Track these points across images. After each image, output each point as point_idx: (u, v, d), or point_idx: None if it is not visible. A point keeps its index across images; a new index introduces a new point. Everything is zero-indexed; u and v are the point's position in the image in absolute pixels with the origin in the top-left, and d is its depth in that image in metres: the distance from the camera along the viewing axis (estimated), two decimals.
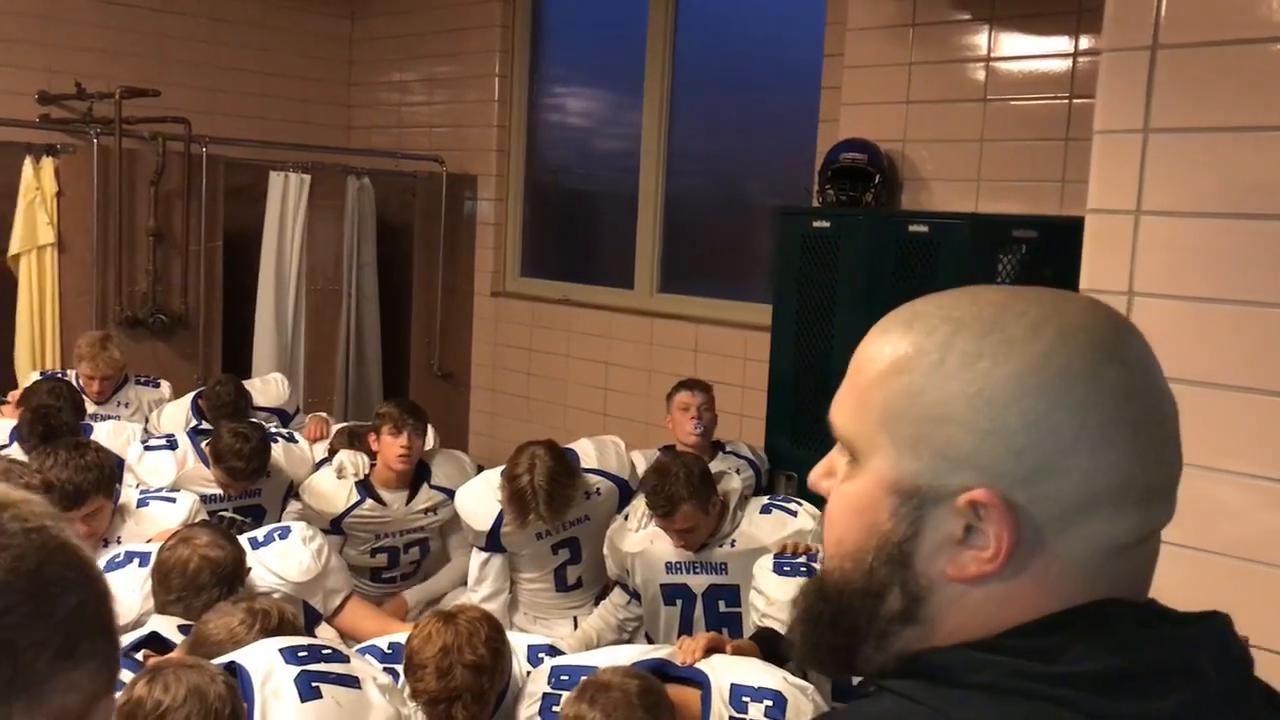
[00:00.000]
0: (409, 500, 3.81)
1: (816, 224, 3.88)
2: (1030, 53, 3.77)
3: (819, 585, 0.76)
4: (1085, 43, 3.64)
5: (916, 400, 0.70)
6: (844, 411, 0.75)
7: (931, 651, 0.70)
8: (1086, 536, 0.69)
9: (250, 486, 3.67)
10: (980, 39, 3.86)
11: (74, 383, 4.27)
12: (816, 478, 0.80)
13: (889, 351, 0.73)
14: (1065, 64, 3.70)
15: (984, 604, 0.70)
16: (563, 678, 2.23)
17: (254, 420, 3.97)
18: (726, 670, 2.24)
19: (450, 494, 3.78)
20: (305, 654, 1.95)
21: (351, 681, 1.96)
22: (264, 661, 1.94)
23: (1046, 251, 3.41)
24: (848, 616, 0.73)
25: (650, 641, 3.32)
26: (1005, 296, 0.73)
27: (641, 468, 3.66)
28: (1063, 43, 3.71)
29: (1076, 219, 2.12)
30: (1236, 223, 1.90)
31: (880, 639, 0.73)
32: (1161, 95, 1.95)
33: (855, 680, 0.78)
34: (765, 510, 3.28)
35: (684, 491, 3.11)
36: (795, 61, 4.75)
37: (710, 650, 2.36)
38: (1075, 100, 3.63)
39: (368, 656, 2.43)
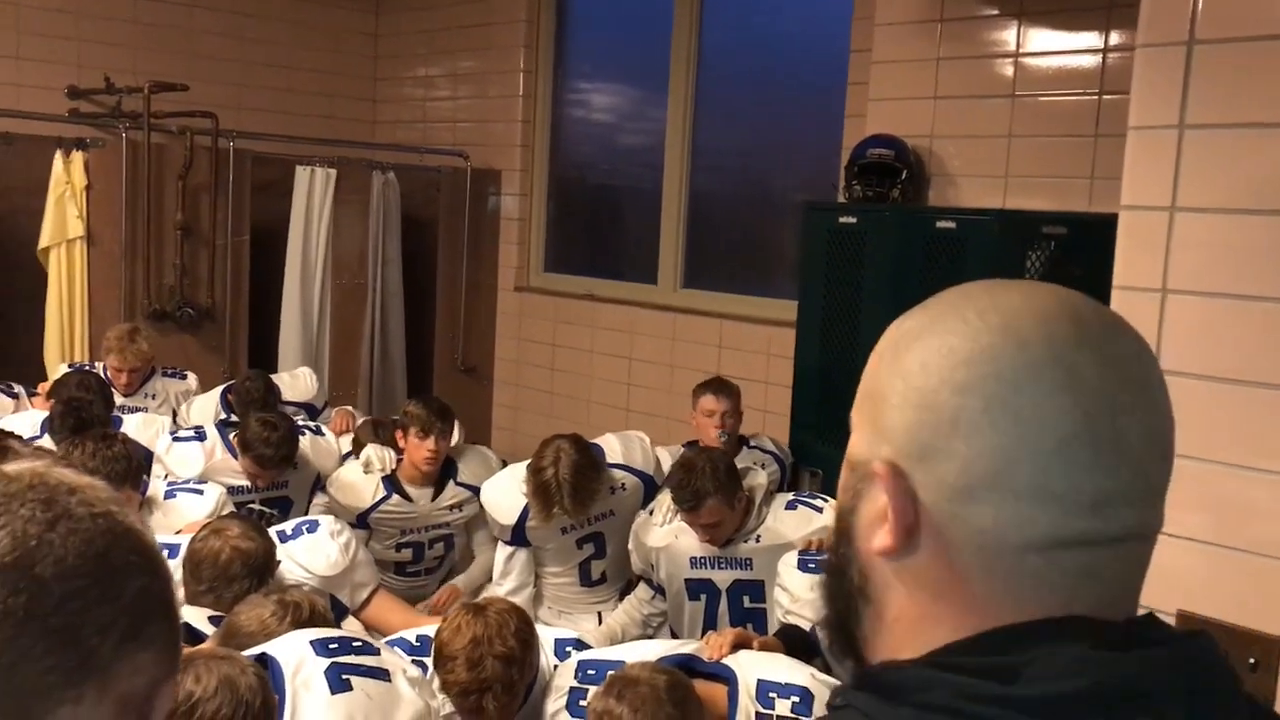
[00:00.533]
0: (434, 497, 3.82)
1: (843, 220, 3.87)
2: (1059, 48, 3.75)
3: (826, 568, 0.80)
4: (1115, 38, 3.61)
5: (874, 378, 0.73)
6: None
7: (887, 667, 0.69)
8: (976, 527, 0.66)
9: (278, 476, 3.69)
10: (1009, 34, 3.84)
11: (102, 375, 4.30)
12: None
13: (882, 339, 0.76)
14: (1095, 60, 3.67)
15: (913, 592, 0.70)
16: (589, 672, 2.24)
17: (281, 411, 3.99)
18: (753, 666, 2.25)
19: (475, 490, 3.79)
20: (335, 646, 1.97)
21: (381, 674, 1.97)
22: (295, 653, 1.95)
23: (1076, 248, 3.38)
24: (834, 598, 0.75)
25: (674, 636, 3.32)
26: (988, 287, 0.73)
27: (667, 464, 3.67)
28: (1092, 38, 3.68)
29: (1106, 215, 2.10)
30: (1272, 219, 1.88)
31: (854, 618, 0.74)
32: (1197, 91, 1.93)
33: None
34: (791, 506, 3.28)
35: (710, 486, 3.11)
36: (822, 56, 4.73)
37: (737, 646, 2.36)
38: (1105, 96, 3.60)
39: (396, 649, 2.44)
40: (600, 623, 3.61)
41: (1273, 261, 1.89)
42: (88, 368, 4.43)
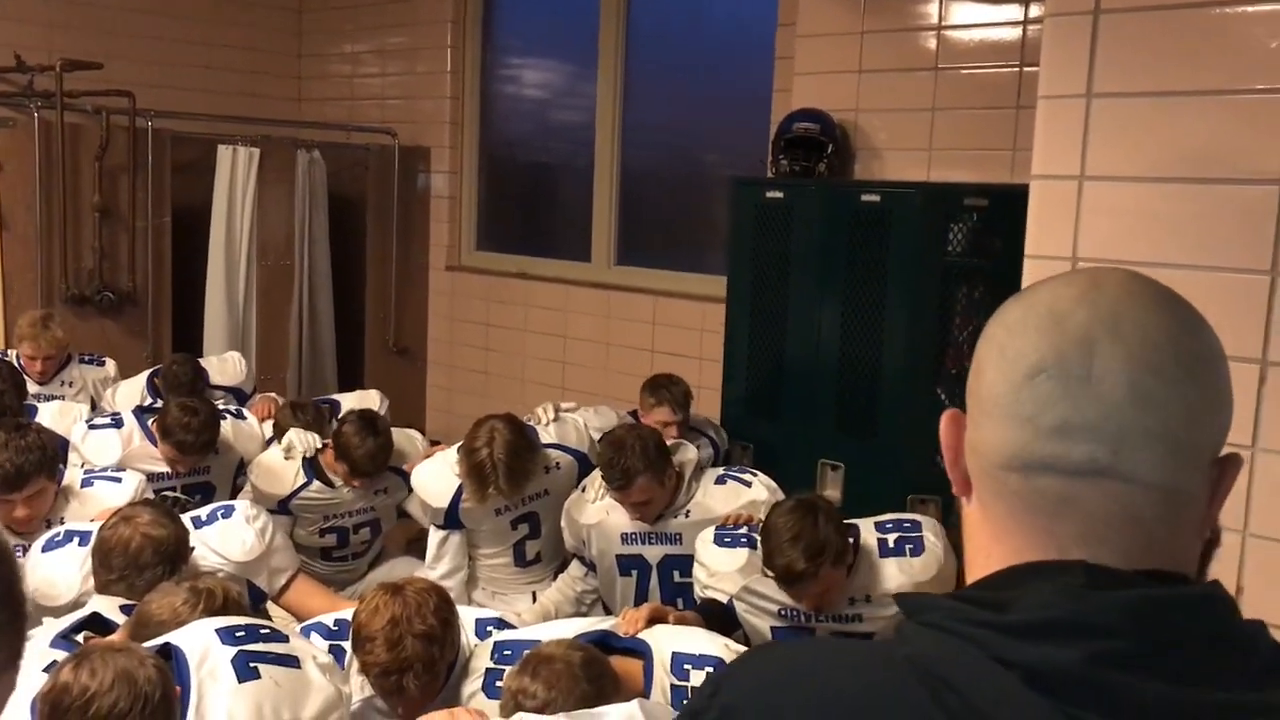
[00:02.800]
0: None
1: (770, 194, 3.86)
2: (981, 20, 3.76)
3: None
4: (1035, 10, 3.63)
5: None
6: None
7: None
8: (983, 451, 0.79)
9: (199, 462, 3.61)
10: (932, 7, 3.84)
11: (15, 363, 4.18)
12: None
13: None
14: (1015, 32, 3.69)
15: (967, 520, 0.82)
16: (506, 653, 2.22)
17: (202, 396, 3.91)
18: (668, 639, 2.24)
19: (401, 474, 3.75)
20: (243, 634, 1.92)
21: (291, 661, 1.93)
22: (200, 642, 1.90)
23: (997, 219, 3.41)
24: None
25: (608, 612, 3.32)
26: (1072, 277, 0.83)
27: (595, 423, 3.66)
28: (1013, 10, 3.70)
29: (1026, 187, 2.11)
30: (1178, 187, 1.90)
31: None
32: (1104, 59, 1.94)
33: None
34: (720, 481, 3.28)
35: (639, 464, 3.11)
36: (750, 32, 4.71)
37: (652, 621, 2.36)
38: (1025, 69, 3.62)
39: (313, 634, 2.40)
40: (534, 601, 3.59)
41: (1180, 229, 1.90)
42: (0, 356, 4.30)
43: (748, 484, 3.25)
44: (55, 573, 2.67)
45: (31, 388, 4.13)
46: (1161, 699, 0.68)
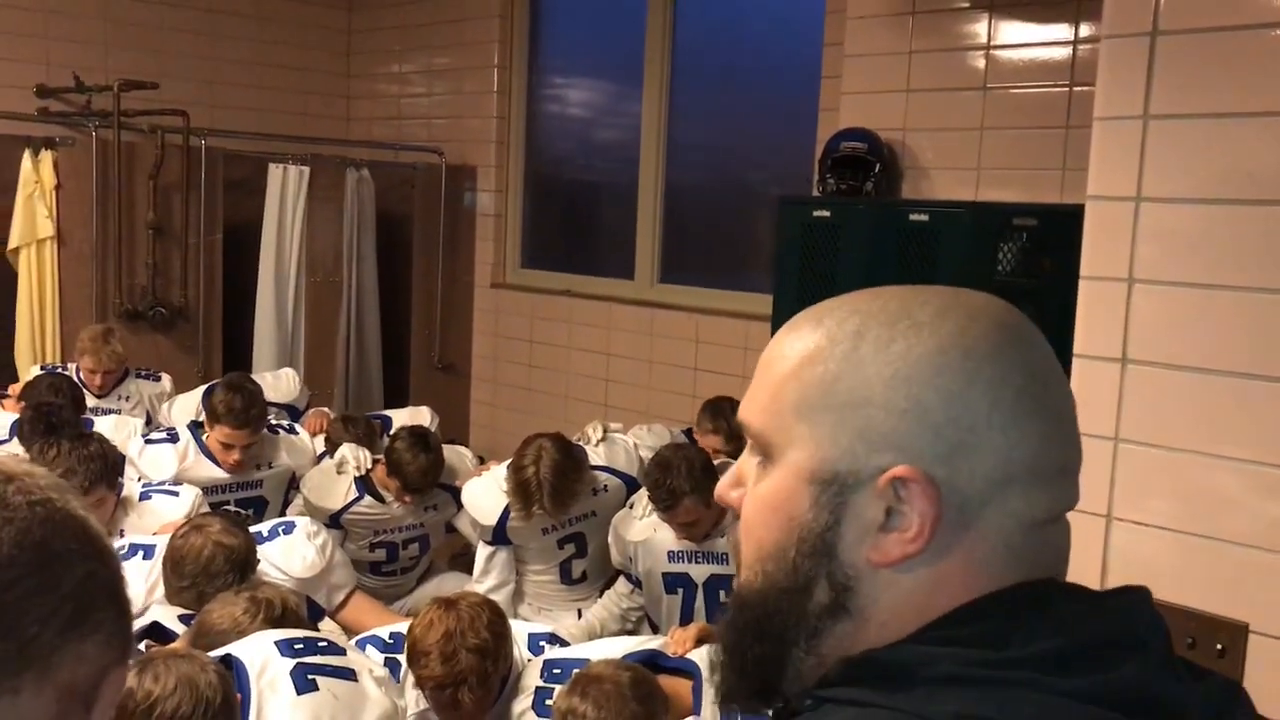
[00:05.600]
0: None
1: (817, 213, 3.86)
2: (1030, 40, 3.75)
3: (739, 599, 0.74)
4: (1085, 30, 3.62)
5: (833, 387, 0.70)
6: (756, 408, 0.75)
7: (877, 652, 0.68)
8: (1006, 514, 0.69)
9: (253, 436, 3.64)
10: (980, 27, 3.84)
11: (74, 376, 4.26)
12: (724, 490, 0.77)
13: (801, 345, 0.73)
14: (1065, 52, 3.68)
15: (914, 591, 0.69)
16: (555, 671, 2.24)
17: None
18: None
19: (451, 490, 3.78)
20: (301, 646, 1.95)
21: (348, 674, 1.95)
22: (260, 654, 1.93)
23: (1046, 239, 3.39)
24: (775, 620, 0.71)
25: (654, 630, 3.32)
26: (907, 291, 0.75)
27: (649, 442, 3.67)
28: (1062, 30, 3.69)
29: (1076, 207, 2.10)
30: (1236, 209, 1.89)
31: (811, 638, 0.71)
32: (1161, 81, 1.93)
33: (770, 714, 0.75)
34: None
35: (686, 486, 3.11)
36: (795, 51, 4.72)
37: (701, 641, 2.36)
38: (1075, 88, 3.61)
39: (369, 647, 2.43)
40: (580, 618, 3.60)
41: (1237, 250, 1.89)
42: (59, 370, 4.38)
43: None
44: None
45: (89, 401, 4.21)
46: (1180, 699, 0.68)
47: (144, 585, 2.70)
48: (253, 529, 2.95)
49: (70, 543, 0.64)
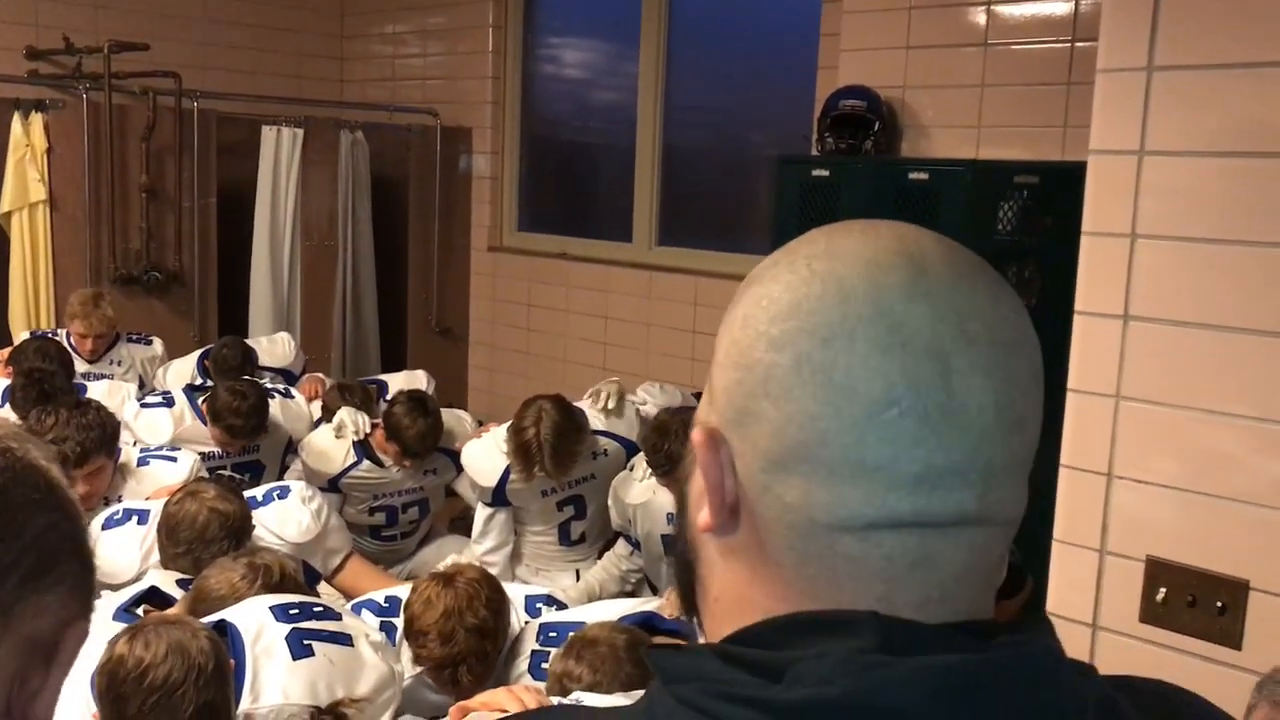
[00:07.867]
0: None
1: (816, 172, 3.82)
2: None
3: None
4: None
5: (718, 339, 0.67)
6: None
7: (663, 651, 0.63)
8: (789, 504, 0.59)
9: (248, 444, 3.65)
10: None
11: (65, 341, 4.24)
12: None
13: None
14: (1067, 6, 3.63)
15: (733, 573, 0.63)
16: (551, 635, 2.24)
17: (251, 378, 3.94)
18: None
19: (450, 454, 3.77)
20: (296, 611, 1.94)
21: (344, 639, 1.94)
22: (255, 619, 1.92)
23: (1048, 197, 3.35)
24: (678, 560, 0.71)
25: (653, 591, 3.32)
26: (833, 228, 0.66)
27: (660, 401, 3.66)
28: None
29: (1078, 164, 2.07)
30: (1241, 161, 1.86)
31: (692, 590, 0.68)
32: (1165, 32, 1.89)
33: None
34: None
35: (683, 450, 3.09)
36: (793, 8, 4.66)
37: None
38: (1078, 44, 3.56)
39: (364, 611, 2.42)
40: (578, 580, 3.61)
41: (1242, 204, 1.86)
42: (48, 334, 4.36)
43: None
44: (115, 552, 2.71)
45: (80, 366, 4.18)
46: None
47: (139, 550, 2.69)
48: (248, 494, 2.94)
49: (31, 493, 0.62)
